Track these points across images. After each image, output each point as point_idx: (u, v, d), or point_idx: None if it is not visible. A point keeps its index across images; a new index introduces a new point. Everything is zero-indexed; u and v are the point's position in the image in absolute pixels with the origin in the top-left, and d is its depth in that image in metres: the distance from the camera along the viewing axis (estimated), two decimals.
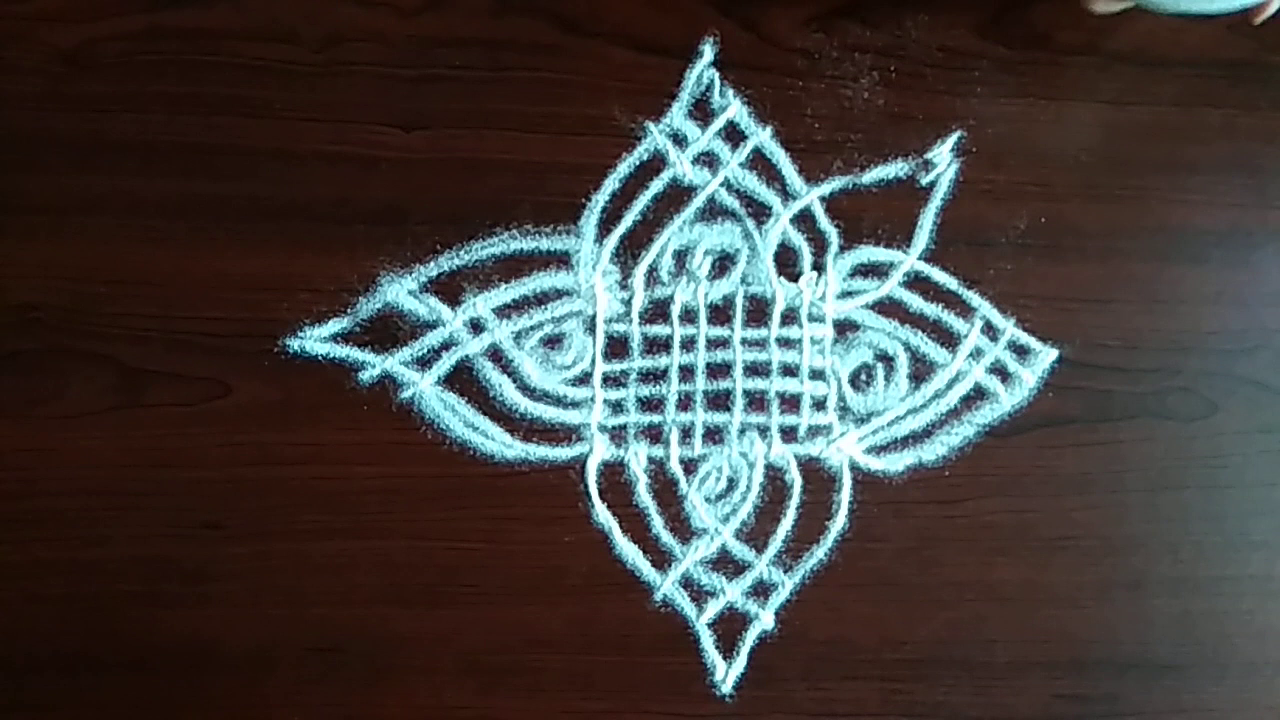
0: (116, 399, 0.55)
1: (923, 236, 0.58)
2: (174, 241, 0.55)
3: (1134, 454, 0.58)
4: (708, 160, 0.58)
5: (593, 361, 0.57)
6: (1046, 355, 0.58)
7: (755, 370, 0.57)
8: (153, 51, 0.56)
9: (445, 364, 0.56)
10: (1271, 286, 0.59)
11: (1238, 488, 0.58)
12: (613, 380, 0.57)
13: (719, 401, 0.57)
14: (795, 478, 0.56)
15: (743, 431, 0.57)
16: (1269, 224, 0.59)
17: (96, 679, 0.54)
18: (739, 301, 0.57)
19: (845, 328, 0.58)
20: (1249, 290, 0.59)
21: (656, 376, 0.57)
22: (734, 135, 0.58)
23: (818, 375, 0.57)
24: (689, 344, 0.57)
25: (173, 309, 0.55)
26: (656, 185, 0.57)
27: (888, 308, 0.58)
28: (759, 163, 0.58)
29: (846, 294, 0.58)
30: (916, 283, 0.58)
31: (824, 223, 0.58)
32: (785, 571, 0.56)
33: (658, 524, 0.56)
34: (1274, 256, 0.59)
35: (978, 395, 0.58)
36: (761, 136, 0.58)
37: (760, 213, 0.58)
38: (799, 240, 0.57)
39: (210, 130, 0.56)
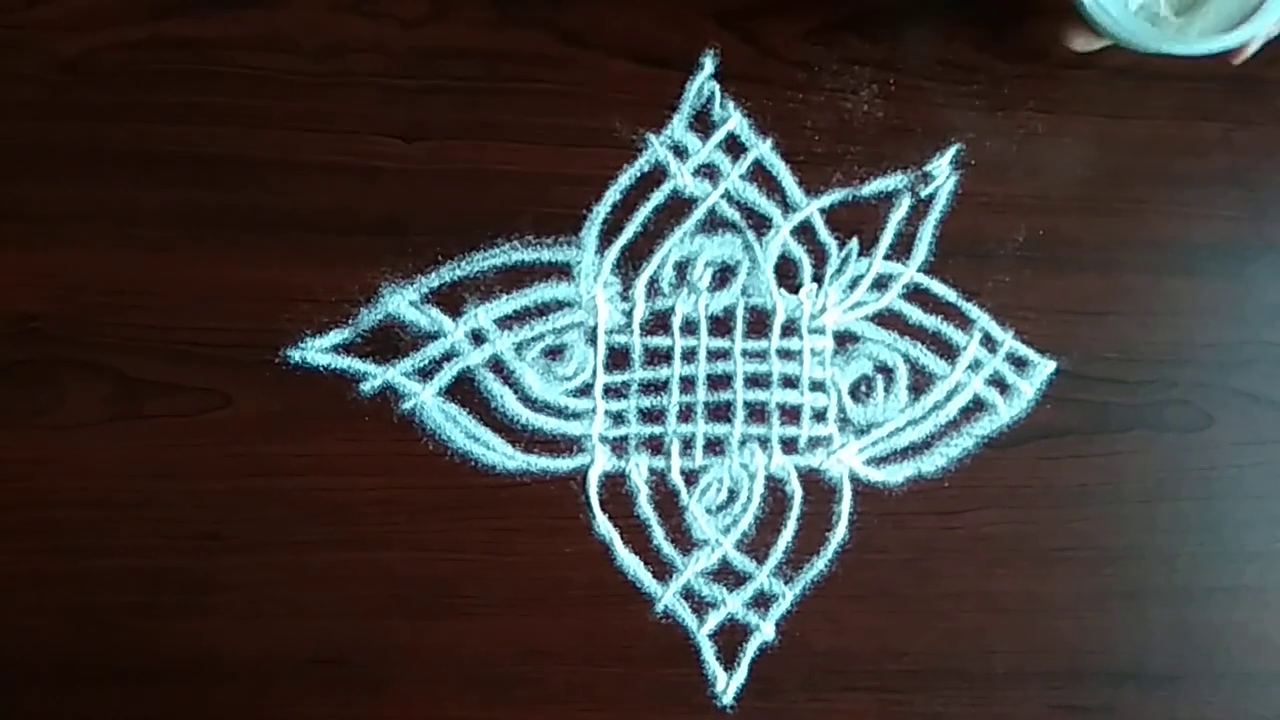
0: (116, 409, 0.54)
1: (922, 249, 0.58)
2: (174, 251, 0.55)
3: (1131, 465, 0.58)
4: (708, 172, 0.58)
5: (594, 373, 0.57)
6: (1044, 367, 0.58)
7: (756, 382, 0.57)
8: (153, 61, 0.56)
9: (446, 375, 0.56)
10: (1267, 299, 0.59)
11: (1233, 499, 0.58)
12: (614, 391, 0.57)
13: (720, 413, 0.57)
14: (796, 489, 0.57)
15: (743, 443, 0.57)
16: (1264, 237, 0.60)
17: (96, 690, 0.54)
18: (739, 313, 0.57)
19: (845, 339, 0.58)
20: (1244, 303, 0.59)
21: (657, 388, 0.57)
22: (734, 147, 0.58)
23: (818, 387, 0.57)
24: (690, 355, 0.57)
25: (173, 319, 0.55)
26: (657, 197, 0.57)
27: (887, 319, 0.58)
28: (759, 175, 0.58)
29: (846, 305, 0.58)
30: (916, 295, 0.58)
31: (824, 234, 0.58)
32: (786, 582, 0.56)
33: (659, 535, 0.56)
34: (1269, 269, 0.60)
35: (976, 407, 0.58)
36: (762, 148, 0.58)
37: (761, 224, 0.58)
38: (799, 252, 0.58)
39: (211, 140, 0.56)
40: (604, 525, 0.56)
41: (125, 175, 0.55)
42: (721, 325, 0.57)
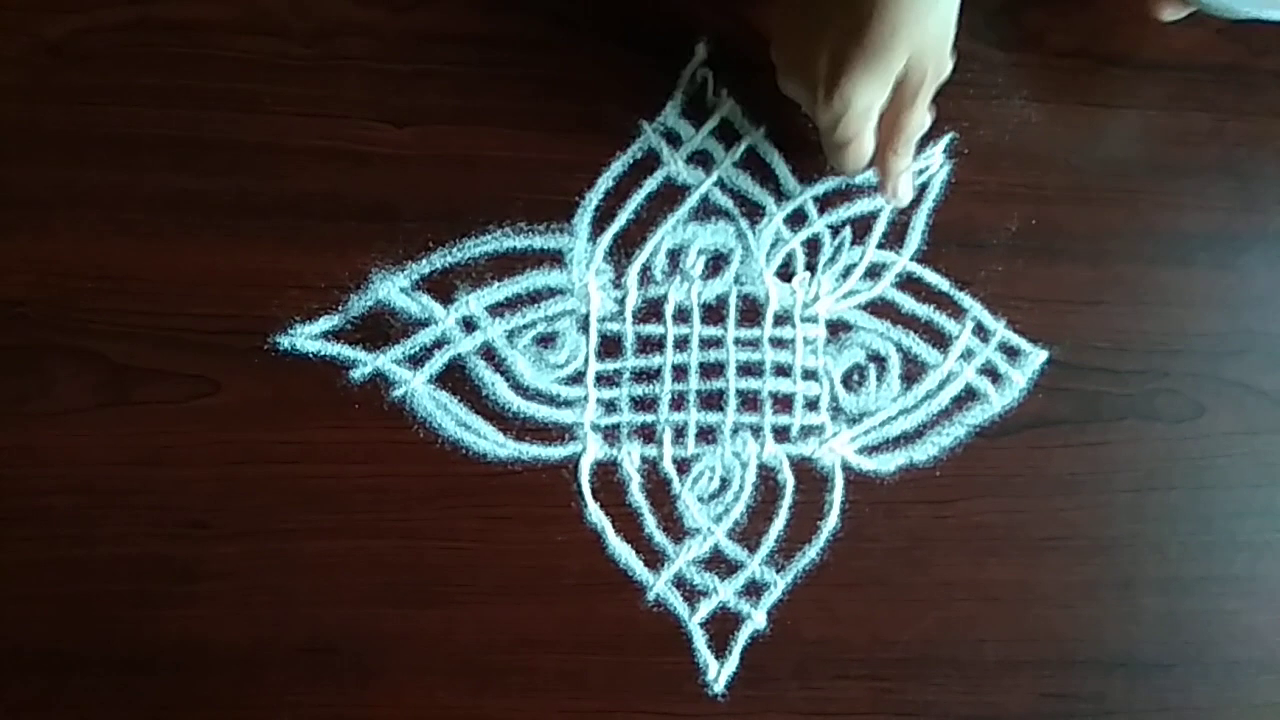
0: (104, 396, 0.54)
1: (915, 238, 0.58)
2: (162, 237, 0.55)
3: (1122, 455, 0.58)
4: (701, 159, 0.57)
5: (586, 360, 0.56)
6: (1036, 357, 0.58)
7: (748, 370, 0.57)
8: (141, 44, 0.55)
9: (437, 362, 0.55)
10: (1258, 289, 0.60)
11: (1223, 489, 0.59)
12: (606, 379, 0.56)
13: (712, 401, 0.57)
14: (788, 478, 0.57)
15: (736, 431, 0.57)
16: (1255, 227, 0.60)
17: (84, 679, 0.53)
18: (732, 301, 0.57)
19: (838, 328, 0.58)
20: (1236, 293, 0.59)
21: (650, 376, 0.57)
22: (728, 134, 0.58)
23: (810, 375, 0.57)
24: (682, 343, 0.57)
25: (161, 305, 0.54)
26: (650, 184, 0.57)
27: (880, 308, 0.58)
28: (752, 162, 0.58)
29: (838, 294, 0.58)
30: (909, 284, 0.58)
31: (817, 223, 0.58)
32: (777, 571, 0.56)
33: (650, 524, 0.56)
34: (1260, 259, 0.60)
35: (968, 396, 0.58)
36: (755, 136, 0.58)
37: (754, 212, 0.58)
38: (792, 240, 0.57)
39: (200, 125, 0.55)
40: (595, 513, 0.55)
41: (112, 160, 0.55)
42: (714, 313, 0.57)
